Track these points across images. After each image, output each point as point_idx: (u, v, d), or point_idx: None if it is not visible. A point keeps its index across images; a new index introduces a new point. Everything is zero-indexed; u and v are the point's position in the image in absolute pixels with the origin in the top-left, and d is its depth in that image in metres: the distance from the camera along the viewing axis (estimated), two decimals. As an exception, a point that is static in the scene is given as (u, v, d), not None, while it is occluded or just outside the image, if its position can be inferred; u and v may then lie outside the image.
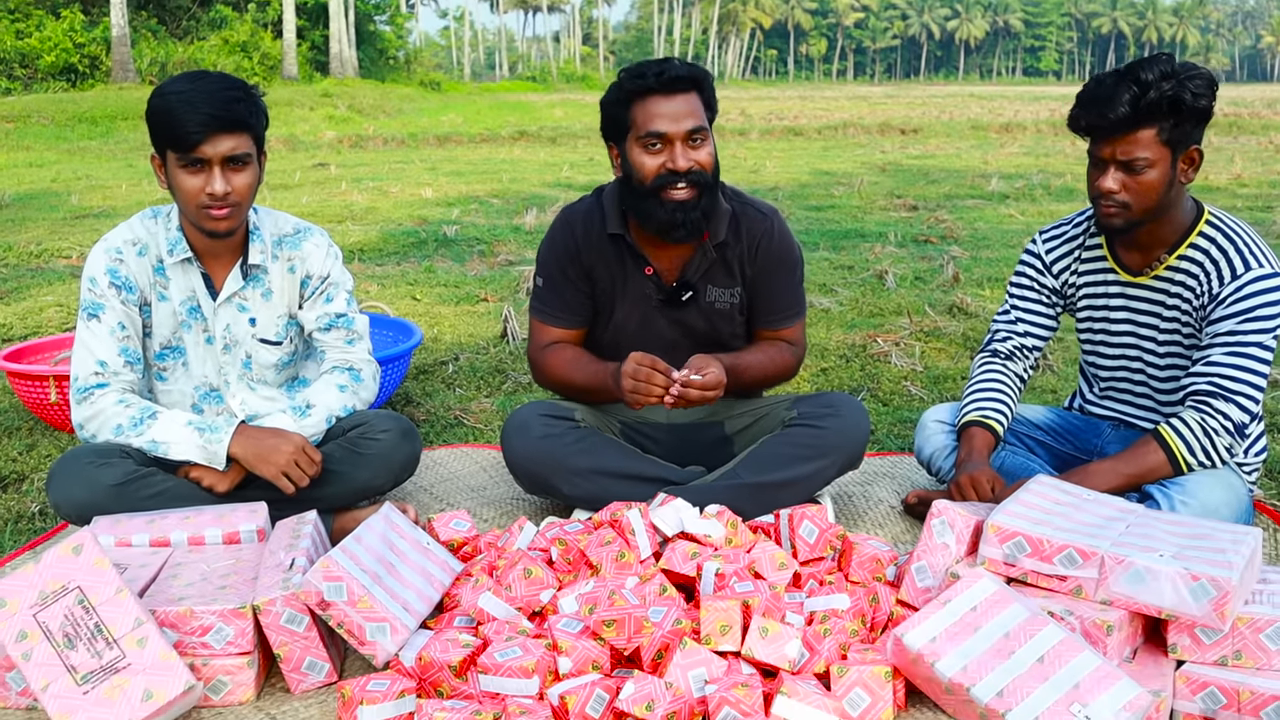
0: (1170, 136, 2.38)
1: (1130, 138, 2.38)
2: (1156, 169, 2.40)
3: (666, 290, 2.79)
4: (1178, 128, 2.37)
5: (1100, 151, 2.45)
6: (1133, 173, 2.41)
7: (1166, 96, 2.33)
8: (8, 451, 3.46)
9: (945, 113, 27.81)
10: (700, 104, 2.63)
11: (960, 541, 2.17)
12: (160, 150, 2.49)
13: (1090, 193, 2.52)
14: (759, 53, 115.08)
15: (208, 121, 2.40)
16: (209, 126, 2.40)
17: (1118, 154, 2.41)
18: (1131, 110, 2.35)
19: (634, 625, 2.00)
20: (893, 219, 8.98)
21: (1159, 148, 2.38)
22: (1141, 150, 2.38)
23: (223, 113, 2.42)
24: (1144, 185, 2.41)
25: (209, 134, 2.41)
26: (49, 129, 18.42)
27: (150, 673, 1.88)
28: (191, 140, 2.41)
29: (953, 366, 4.39)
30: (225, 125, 2.42)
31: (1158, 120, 2.36)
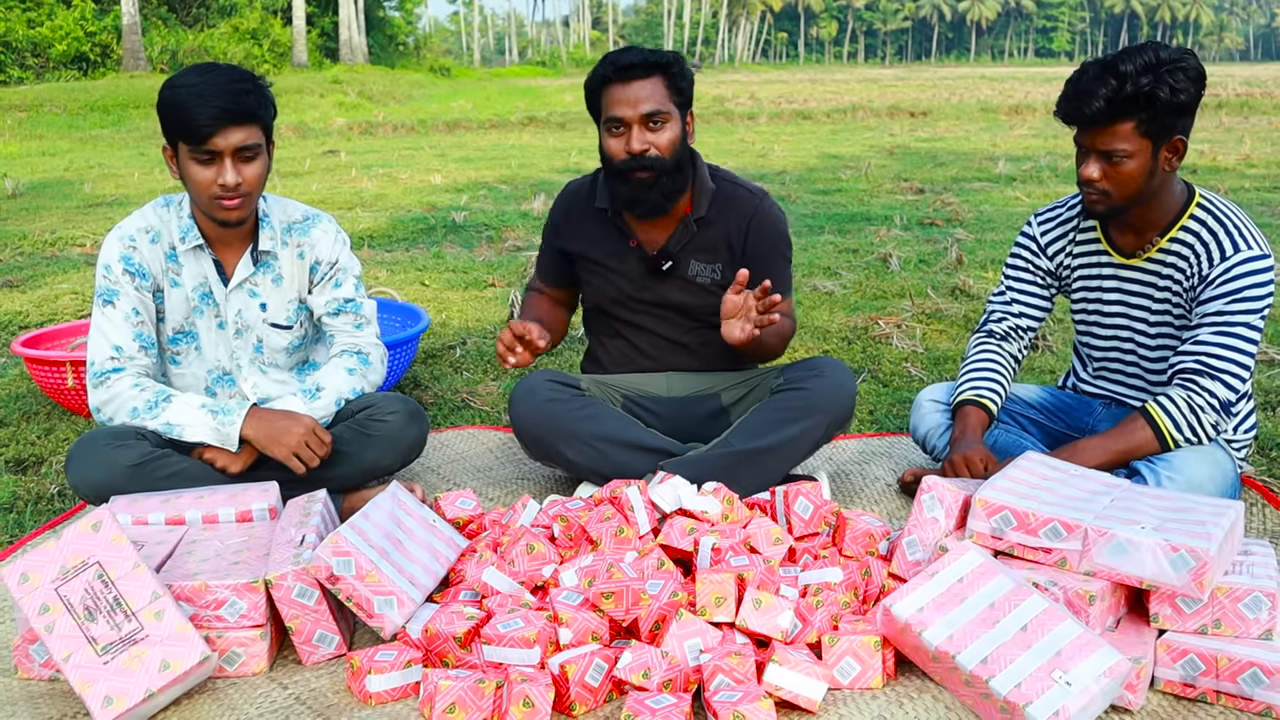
0: (1149, 129, 2.42)
1: (1108, 130, 2.43)
2: (1135, 159, 2.45)
3: (648, 259, 2.90)
4: (1155, 120, 2.41)
5: (1082, 140, 2.50)
6: (1112, 163, 2.46)
7: (1143, 92, 2.37)
8: (26, 435, 3.55)
9: (955, 95, 27.74)
10: (664, 88, 2.72)
11: (949, 516, 2.23)
12: (172, 142, 2.56)
13: (1077, 179, 2.57)
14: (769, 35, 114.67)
15: (218, 114, 2.47)
16: (219, 119, 2.47)
17: (1097, 144, 2.46)
18: (1106, 105, 2.40)
19: (632, 597, 2.07)
20: (899, 202, 9.02)
21: (1137, 139, 2.43)
22: (1120, 142, 2.43)
23: (232, 105, 2.48)
24: (1123, 175, 2.46)
25: (219, 126, 2.48)
26: (61, 118, 18.54)
27: (167, 644, 1.96)
28: (203, 133, 2.48)
29: (953, 348, 4.44)
30: (235, 118, 2.49)
31: (1134, 114, 2.41)
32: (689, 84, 2.78)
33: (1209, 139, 14.37)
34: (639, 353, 2.98)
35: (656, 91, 2.72)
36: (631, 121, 2.72)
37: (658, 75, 2.72)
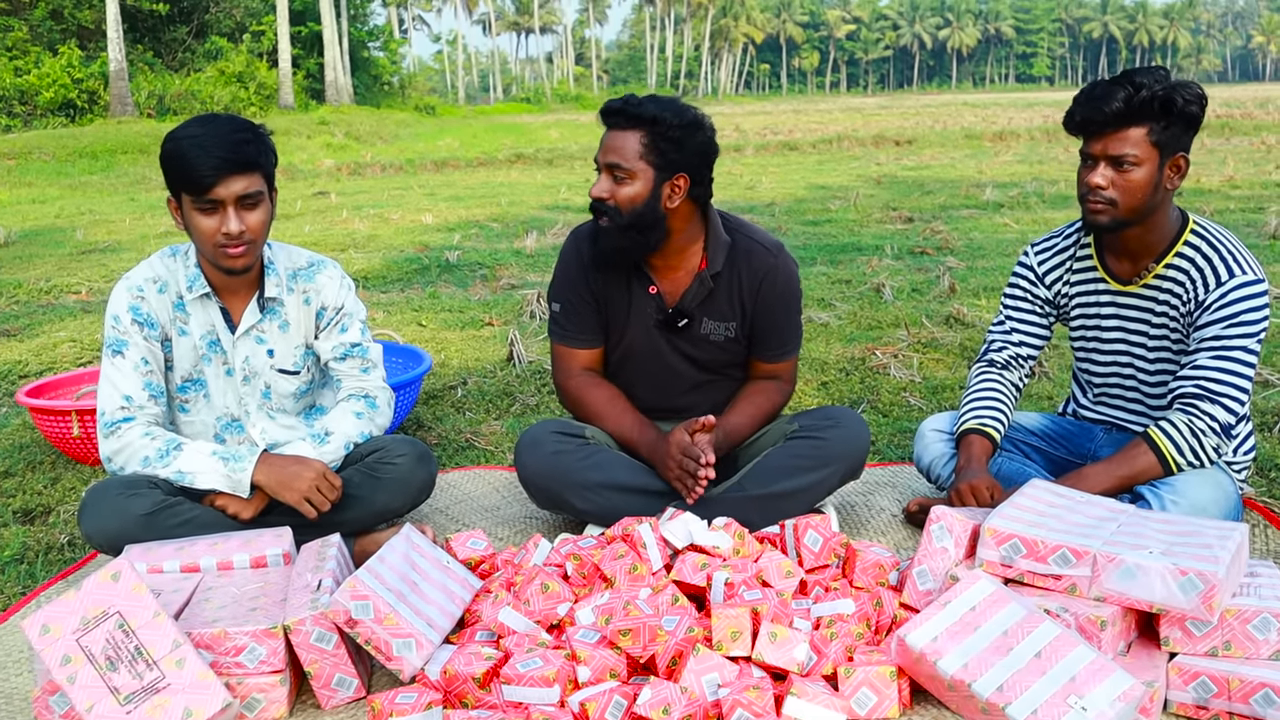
0: (1160, 138, 2.49)
1: (1121, 134, 2.50)
2: (1144, 168, 2.51)
3: (666, 313, 2.89)
4: (1167, 130, 2.49)
5: (1091, 148, 2.56)
6: (1121, 169, 2.52)
7: (1158, 96, 2.45)
8: (33, 485, 3.56)
9: (939, 122, 28.00)
10: (637, 144, 2.67)
11: (959, 545, 2.26)
12: (175, 193, 2.59)
13: (1079, 191, 2.62)
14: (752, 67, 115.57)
15: (220, 165, 2.50)
16: (221, 169, 2.50)
17: (1108, 149, 2.52)
18: (1125, 106, 2.47)
19: (649, 634, 2.09)
20: (889, 231, 9.10)
21: (1148, 147, 2.50)
22: (1130, 147, 2.49)
23: (233, 155, 2.52)
24: (1130, 183, 2.52)
25: (221, 176, 2.51)
26: (50, 165, 18.56)
27: (189, 692, 1.97)
28: (205, 183, 2.51)
29: (950, 376, 4.48)
30: (236, 167, 2.52)
31: (1149, 119, 2.48)
32: (674, 147, 2.67)
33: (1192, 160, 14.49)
34: (646, 399, 2.96)
35: (627, 144, 2.68)
36: (601, 168, 2.73)
37: (638, 130, 2.68)
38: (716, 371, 2.97)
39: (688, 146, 2.70)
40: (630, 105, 2.69)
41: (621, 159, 2.68)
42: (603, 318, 2.95)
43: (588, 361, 2.98)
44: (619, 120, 2.70)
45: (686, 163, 2.71)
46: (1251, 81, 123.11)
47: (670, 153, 2.68)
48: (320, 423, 2.82)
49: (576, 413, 2.96)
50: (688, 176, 2.72)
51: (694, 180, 2.74)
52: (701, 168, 2.74)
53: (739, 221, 2.95)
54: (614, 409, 2.91)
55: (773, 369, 2.97)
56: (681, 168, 2.70)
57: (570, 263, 2.95)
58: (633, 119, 2.68)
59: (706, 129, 2.74)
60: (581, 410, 2.94)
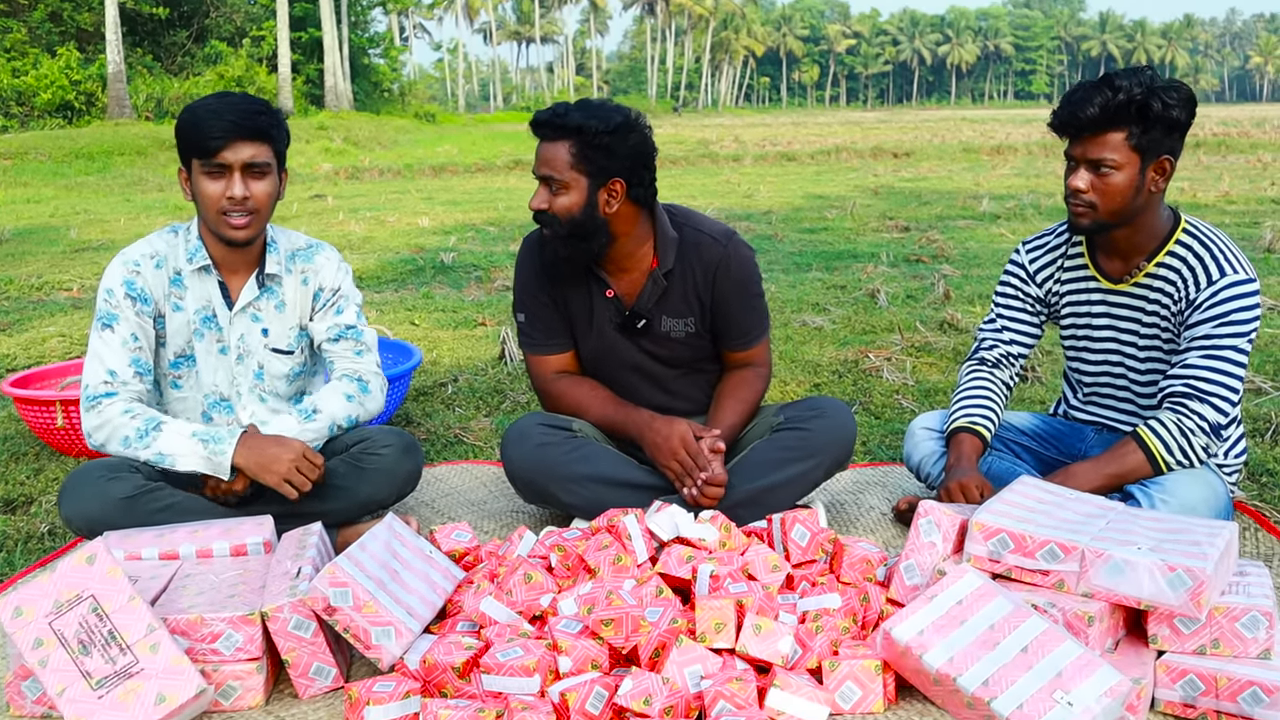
0: (1139, 142, 2.46)
1: (1099, 138, 2.48)
2: (1123, 172, 2.49)
3: (624, 315, 2.88)
4: (1146, 134, 2.46)
5: (1073, 151, 2.55)
6: (1100, 173, 2.50)
7: (1136, 100, 2.42)
8: (15, 475, 3.52)
9: (937, 136, 28.04)
10: (567, 154, 2.65)
11: (946, 540, 2.24)
12: (186, 161, 2.61)
13: (1065, 193, 2.61)
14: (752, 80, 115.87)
15: (230, 128, 2.52)
16: (231, 133, 2.52)
17: (1087, 154, 2.50)
18: (1100, 112, 2.45)
19: (631, 624, 2.06)
20: (885, 240, 9.09)
21: (1127, 151, 2.47)
22: (1109, 152, 2.47)
23: (244, 121, 2.54)
24: (1110, 187, 2.50)
25: (230, 140, 2.52)
26: (46, 165, 18.54)
27: (162, 677, 1.94)
28: (214, 145, 2.52)
29: (943, 380, 4.46)
30: (247, 133, 2.54)
31: (1126, 124, 2.45)
32: (604, 154, 2.64)
33: (1189, 176, 14.55)
34: (627, 398, 2.93)
35: (559, 155, 2.66)
36: (538, 179, 2.72)
37: (566, 140, 2.66)
38: (686, 367, 2.96)
39: (618, 151, 2.67)
40: (557, 116, 2.67)
41: (553, 170, 2.67)
42: (567, 322, 2.94)
43: (560, 365, 2.97)
44: (548, 131, 2.69)
45: (619, 167, 2.68)
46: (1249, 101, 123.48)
47: (600, 159, 2.66)
48: (310, 400, 2.79)
49: (560, 411, 2.94)
50: (623, 181, 2.69)
51: (630, 183, 2.71)
52: (637, 170, 2.71)
53: (686, 214, 2.92)
54: (596, 398, 2.90)
55: (744, 357, 2.95)
56: (615, 173, 2.68)
57: (526, 272, 2.94)
58: (559, 129, 2.67)
59: (639, 130, 2.72)
60: (564, 407, 2.92)
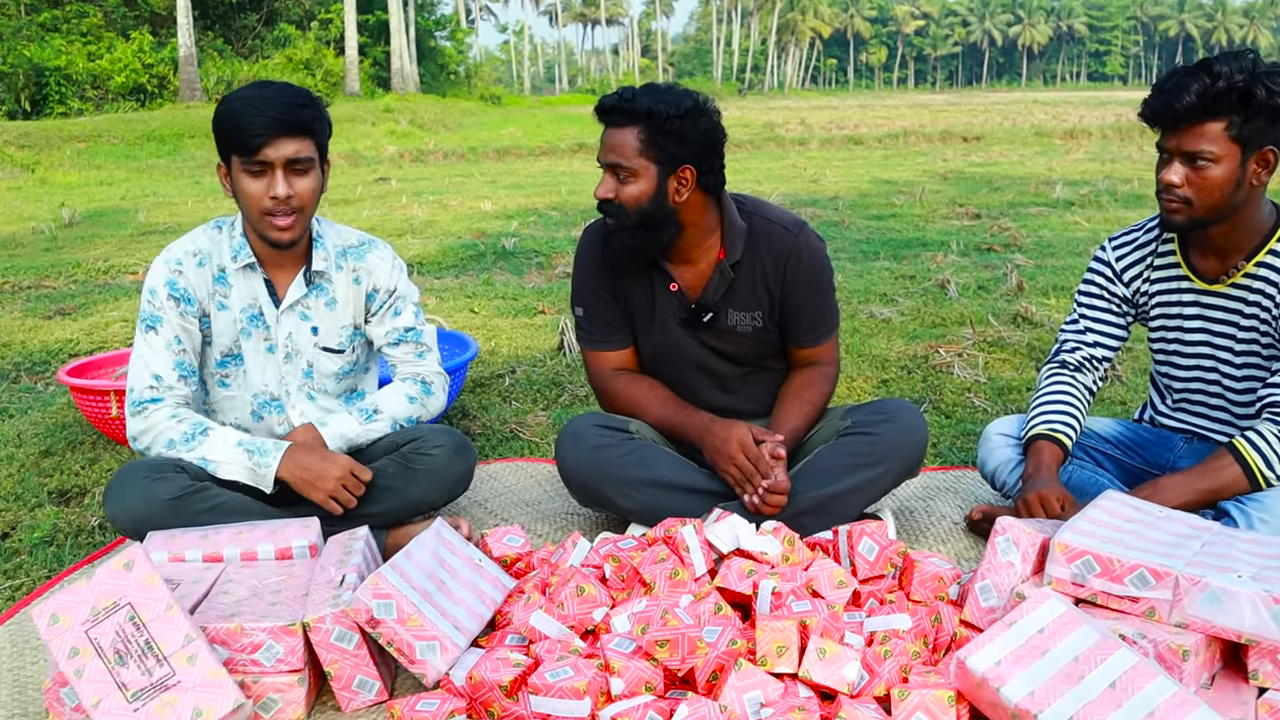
0: (1240, 133, 2.28)
1: (1195, 129, 2.30)
2: (1222, 165, 2.30)
3: (688, 309, 2.75)
4: (1248, 123, 2.27)
5: (1166, 143, 2.36)
6: (1196, 167, 2.32)
7: (1236, 88, 2.24)
8: (70, 465, 3.50)
9: (1008, 119, 27.47)
10: (635, 140, 2.53)
11: (1026, 560, 2.10)
12: (226, 157, 2.52)
13: (1157, 188, 2.43)
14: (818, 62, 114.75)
15: (270, 125, 2.42)
16: (271, 130, 2.42)
17: (1183, 145, 2.32)
18: (1198, 100, 2.26)
19: (688, 645, 1.95)
20: (955, 227, 8.85)
21: (1226, 143, 2.29)
22: (1207, 144, 2.29)
23: (286, 116, 2.43)
24: (1207, 181, 2.32)
25: (271, 137, 2.43)
26: (119, 148, 18.82)
27: (200, 690, 1.87)
28: (254, 143, 2.43)
29: (1017, 377, 4.28)
30: (288, 129, 2.44)
31: (1226, 113, 2.26)
32: (675, 140, 2.52)
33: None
34: (686, 398, 2.81)
35: (626, 142, 2.54)
36: (604, 167, 2.60)
37: (634, 126, 2.53)
38: (752, 364, 2.83)
39: (689, 137, 2.54)
40: (624, 101, 2.54)
41: (621, 157, 2.55)
42: (627, 317, 2.82)
43: (619, 362, 2.85)
44: (614, 117, 2.56)
45: (690, 154, 2.56)
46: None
47: (671, 146, 2.54)
48: (371, 398, 2.74)
49: (618, 410, 2.83)
50: (693, 168, 2.57)
51: (701, 170, 2.59)
52: (707, 156, 2.59)
53: (755, 203, 2.79)
54: (655, 398, 2.78)
55: (811, 354, 2.81)
56: (685, 160, 2.56)
57: (586, 265, 2.83)
58: (627, 115, 2.54)
59: (709, 115, 2.59)
60: (622, 406, 2.81)
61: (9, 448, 3.69)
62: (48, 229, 9.74)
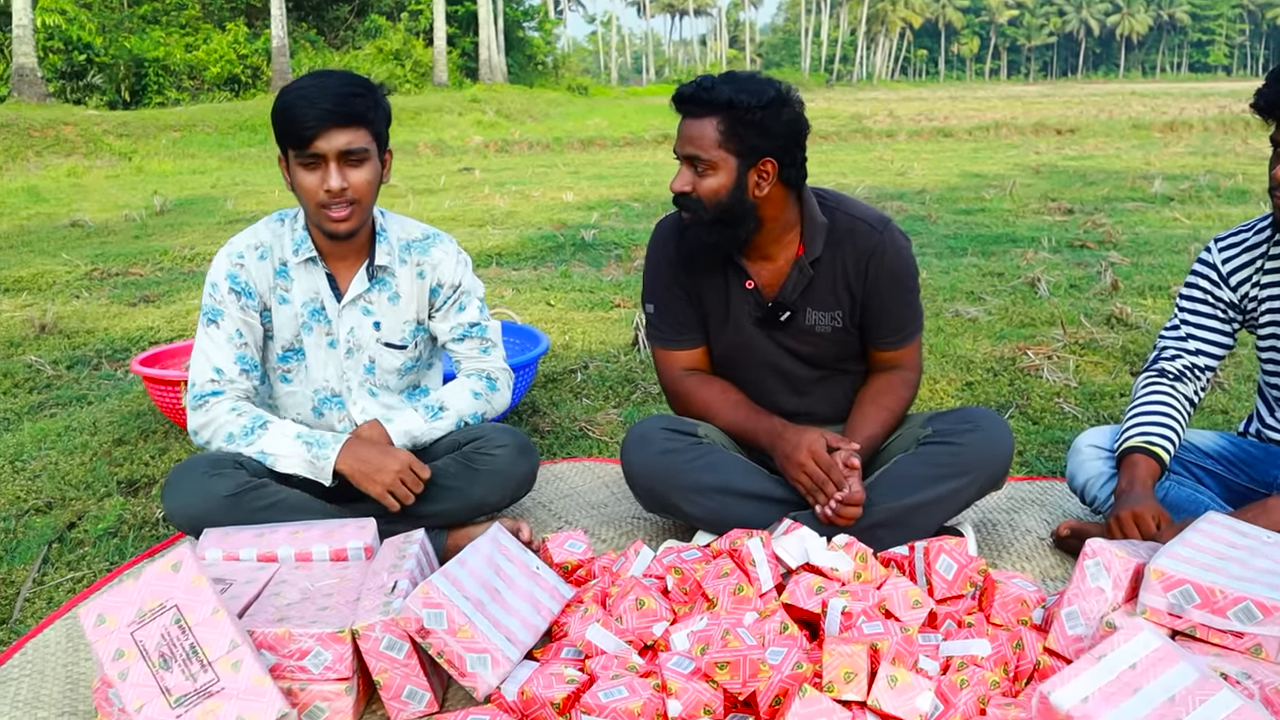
0: None
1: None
2: None
3: (764, 308, 2.63)
4: None
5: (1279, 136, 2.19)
6: None
7: None
8: (141, 455, 3.50)
9: (1104, 111, 26.70)
10: (714, 131, 2.40)
11: (1118, 586, 1.95)
12: (283, 150, 2.47)
13: (1269, 185, 2.26)
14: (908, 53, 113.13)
15: (323, 116, 2.36)
16: (324, 121, 2.37)
17: None
18: None
19: (750, 668, 1.84)
20: (1046, 223, 8.57)
21: None
22: None
23: (338, 107, 2.37)
24: None
25: (323, 129, 2.37)
26: (212, 137, 19.18)
27: (243, 698, 1.81)
28: (306, 135, 2.37)
29: (1110, 382, 4.09)
30: (340, 120, 2.38)
31: None
32: (756, 131, 2.40)
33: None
34: (758, 401, 2.69)
35: (705, 133, 2.41)
36: (681, 159, 2.48)
37: (714, 116, 2.41)
38: (829, 367, 2.70)
39: (771, 128, 2.41)
40: (703, 90, 2.42)
41: (700, 149, 2.42)
42: (700, 315, 2.70)
43: (691, 362, 2.74)
44: (693, 107, 2.44)
45: (772, 146, 2.43)
46: None
47: (751, 137, 2.41)
48: (436, 395, 2.68)
49: (688, 412, 2.72)
50: (775, 161, 2.44)
51: (783, 163, 2.46)
52: (790, 149, 2.46)
53: (838, 198, 2.66)
54: (726, 401, 2.66)
55: (893, 357, 2.67)
56: (767, 152, 2.43)
57: (658, 260, 2.72)
58: (707, 105, 2.41)
59: (792, 105, 2.45)
60: (692, 408, 2.70)
61: (83, 435, 3.71)
62: (139, 216, 9.92)
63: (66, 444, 3.62)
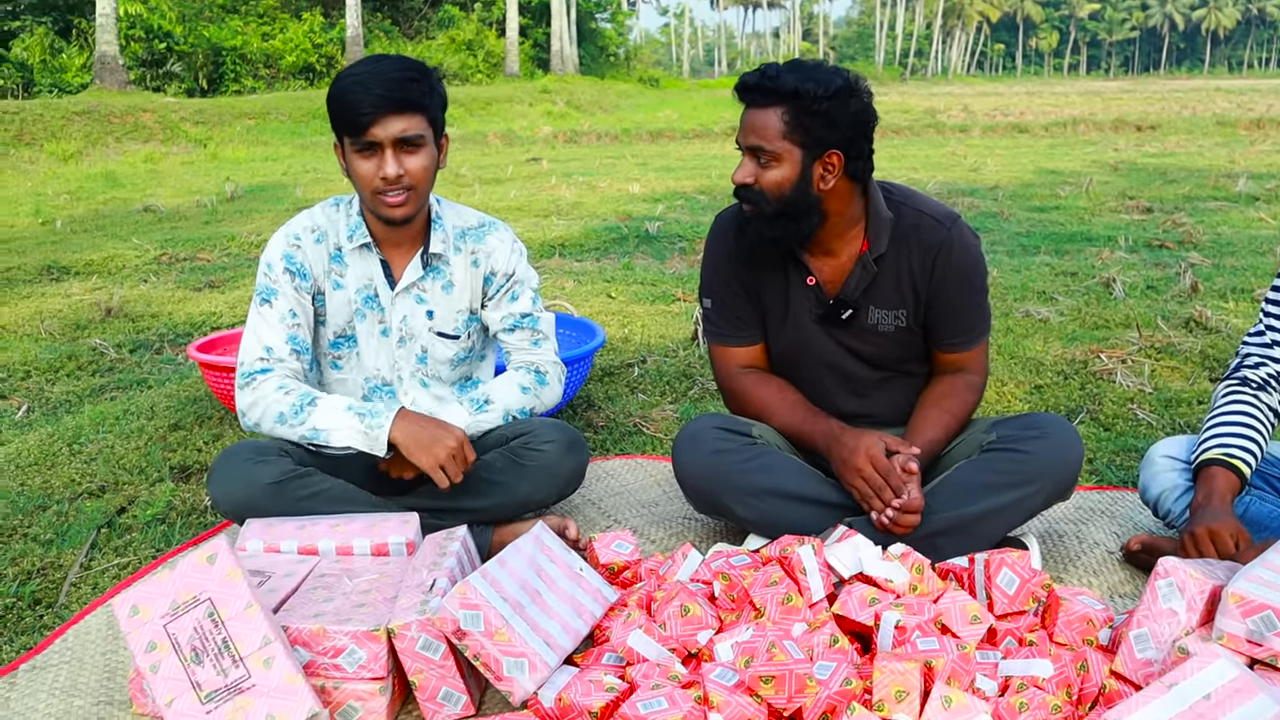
0: None
1: None
2: None
3: (826, 305, 2.53)
4: None
5: None
6: None
7: None
8: (195, 441, 3.50)
9: (1187, 108, 26.00)
10: (779, 122, 2.31)
11: (1192, 609, 1.83)
12: (339, 137, 2.43)
13: None
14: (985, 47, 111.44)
15: (378, 103, 2.32)
16: (379, 108, 2.32)
17: None
18: None
19: (796, 684, 1.76)
20: (1123, 222, 8.32)
21: None
22: None
23: (393, 93, 2.33)
24: None
25: (378, 115, 2.33)
26: (286, 125, 19.42)
27: (274, 696, 1.77)
28: (362, 122, 2.33)
29: (1188, 389, 3.92)
30: (396, 106, 2.33)
31: None
32: (823, 122, 2.30)
33: None
34: (816, 401, 2.60)
35: (769, 123, 2.32)
36: (743, 149, 2.39)
37: (778, 106, 2.31)
38: (891, 369, 2.60)
39: (839, 119, 2.31)
40: (767, 79, 2.32)
41: (763, 140, 2.33)
42: (759, 311, 2.61)
43: (748, 359, 2.64)
44: (757, 96, 2.34)
45: (838, 138, 2.33)
46: None
47: (818, 129, 2.30)
48: (483, 388, 2.62)
49: (743, 411, 2.63)
50: (841, 153, 2.34)
51: (849, 156, 2.36)
52: (857, 141, 2.36)
53: (905, 192, 2.55)
54: (783, 401, 2.57)
55: (957, 359, 2.56)
56: (833, 144, 2.33)
57: (717, 254, 2.63)
58: (771, 94, 2.31)
59: (861, 95, 2.35)
60: (748, 407, 2.61)
61: (140, 419, 3.72)
62: (210, 202, 10.04)
63: (123, 428, 3.63)
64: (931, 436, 2.47)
